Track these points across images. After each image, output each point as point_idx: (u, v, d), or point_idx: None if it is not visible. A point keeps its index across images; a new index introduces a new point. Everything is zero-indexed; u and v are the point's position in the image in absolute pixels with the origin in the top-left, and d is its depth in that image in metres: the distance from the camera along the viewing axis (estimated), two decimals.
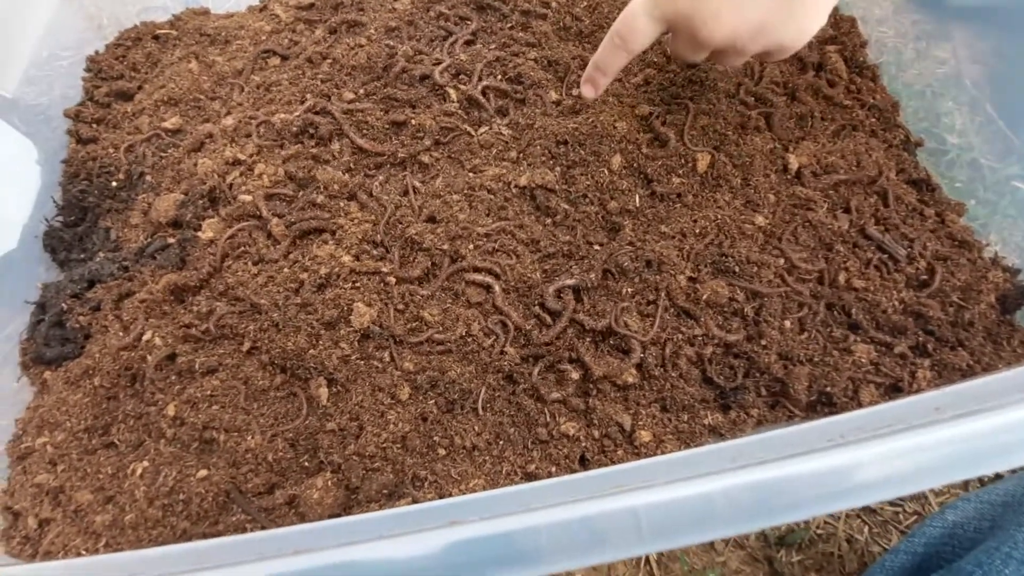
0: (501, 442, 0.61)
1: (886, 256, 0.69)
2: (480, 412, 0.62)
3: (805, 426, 0.46)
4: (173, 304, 0.69)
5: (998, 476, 0.75)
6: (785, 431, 0.45)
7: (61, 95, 0.93)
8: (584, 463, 0.60)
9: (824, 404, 0.62)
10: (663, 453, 0.58)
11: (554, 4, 0.92)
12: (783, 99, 0.82)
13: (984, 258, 0.72)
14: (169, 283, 0.67)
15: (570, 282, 0.67)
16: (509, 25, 0.90)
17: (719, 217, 0.71)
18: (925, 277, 0.67)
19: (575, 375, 0.64)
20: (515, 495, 0.42)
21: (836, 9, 0.95)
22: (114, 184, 0.81)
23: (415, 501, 0.55)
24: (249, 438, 0.60)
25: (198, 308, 0.67)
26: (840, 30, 0.91)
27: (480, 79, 0.82)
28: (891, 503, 0.84)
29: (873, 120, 0.83)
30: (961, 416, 0.43)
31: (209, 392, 0.62)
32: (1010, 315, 0.69)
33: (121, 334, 0.67)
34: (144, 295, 0.69)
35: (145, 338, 0.65)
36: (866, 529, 0.81)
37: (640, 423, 0.60)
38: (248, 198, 0.73)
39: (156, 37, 0.96)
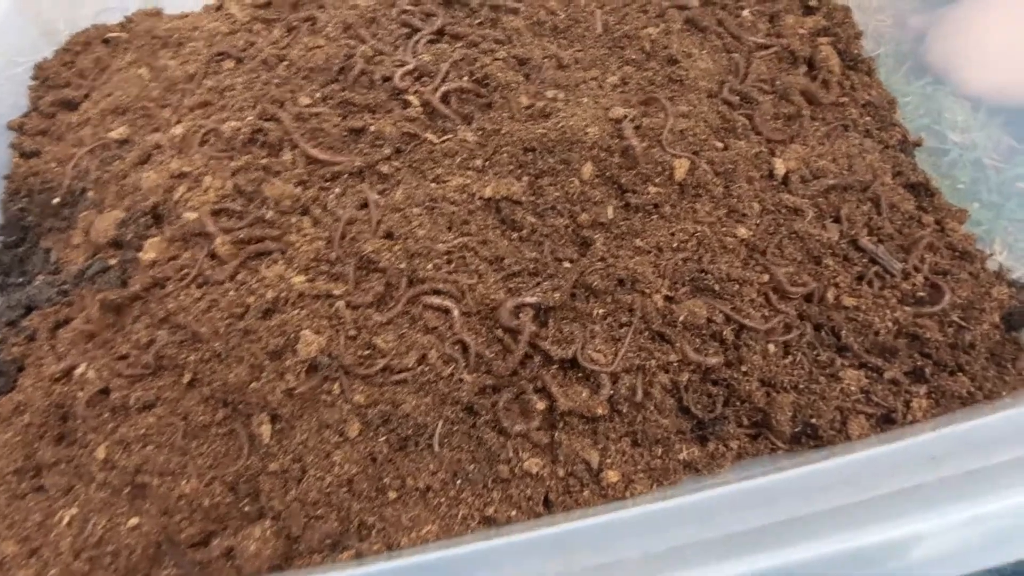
0: (459, 481, 0.56)
1: (880, 270, 0.63)
2: (436, 448, 0.57)
3: (796, 476, 0.41)
4: (111, 332, 0.64)
5: None
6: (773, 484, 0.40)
7: (13, 104, 0.89)
8: (548, 505, 0.55)
9: (809, 436, 0.57)
10: (632, 494, 0.53)
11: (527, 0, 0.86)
12: (770, 98, 0.77)
13: (987, 271, 0.66)
14: (104, 301, 0.62)
15: (531, 300, 0.61)
16: (478, 21, 0.85)
17: (698, 230, 0.65)
18: (923, 294, 0.61)
19: (541, 405, 0.59)
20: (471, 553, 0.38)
21: None
22: (56, 201, 0.76)
23: (359, 554, 0.51)
24: (184, 482, 0.55)
25: (136, 337, 0.62)
26: (833, 20, 0.85)
27: (444, 81, 0.77)
28: None
29: (868, 119, 0.77)
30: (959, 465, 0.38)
31: (144, 431, 0.57)
32: (1015, 332, 0.63)
33: (54, 367, 0.62)
34: (80, 323, 0.65)
35: (78, 372, 0.61)
36: None
37: (608, 460, 0.56)
38: (193, 215, 0.68)
39: (106, 41, 0.91)
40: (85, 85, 0.87)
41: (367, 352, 0.60)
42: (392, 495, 0.55)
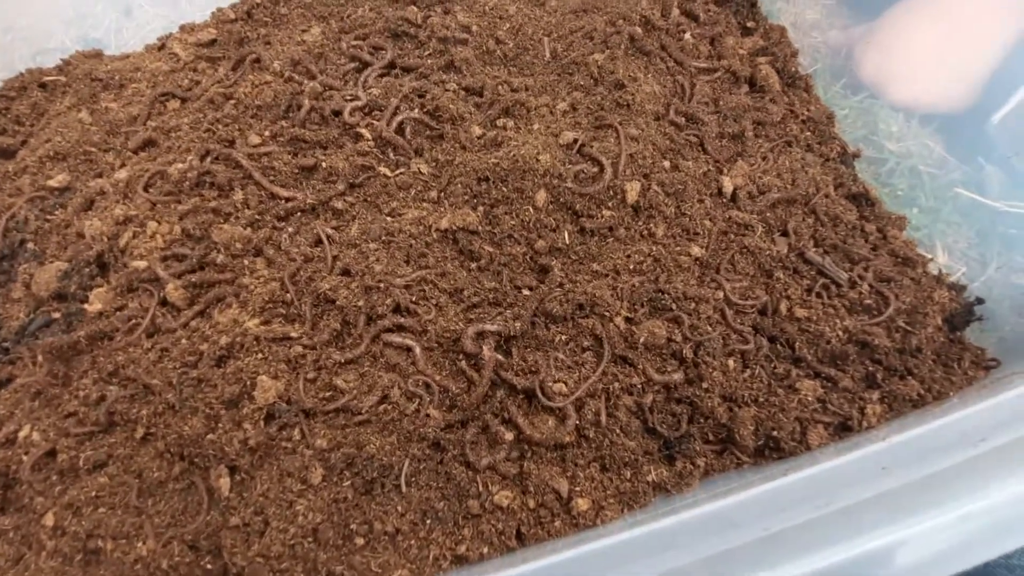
0: (428, 521, 0.55)
1: (828, 281, 0.65)
2: (403, 488, 0.56)
3: (758, 496, 0.41)
4: (57, 389, 0.61)
5: None
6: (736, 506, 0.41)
7: None
8: (520, 538, 0.55)
9: (772, 448, 0.58)
10: (603, 521, 0.53)
11: (474, 28, 0.87)
12: (715, 118, 0.79)
13: (929, 275, 0.69)
14: (48, 348, 0.59)
15: (492, 328, 0.61)
16: (427, 52, 0.85)
17: (653, 250, 0.66)
18: (869, 302, 0.64)
19: (509, 436, 0.59)
20: None
21: (765, 19, 0.93)
22: None
23: None
24: (140, 544, 0.53)
25: (85, 393, 0.60)
26: (770, 40, 0.88)
27: (396, 115, 0.77)
28: None
29: (808, 133, 0.80)
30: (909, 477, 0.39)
31: (95, 493, 0.55)
32: (959, 333, 0.66)
33: None
34: (24, 380, 0.62)
35: (22, 434, 0.58)
36: None
37: (578, 488, 0.56)
38: (142, 263, 0.66)
39: (43, 85, 0.88)
40: (22, 132, 0.84)
41: (328, 393, 0.59)
42: (360, 541, 0.53)
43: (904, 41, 0.82)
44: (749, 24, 0.91)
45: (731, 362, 0.61)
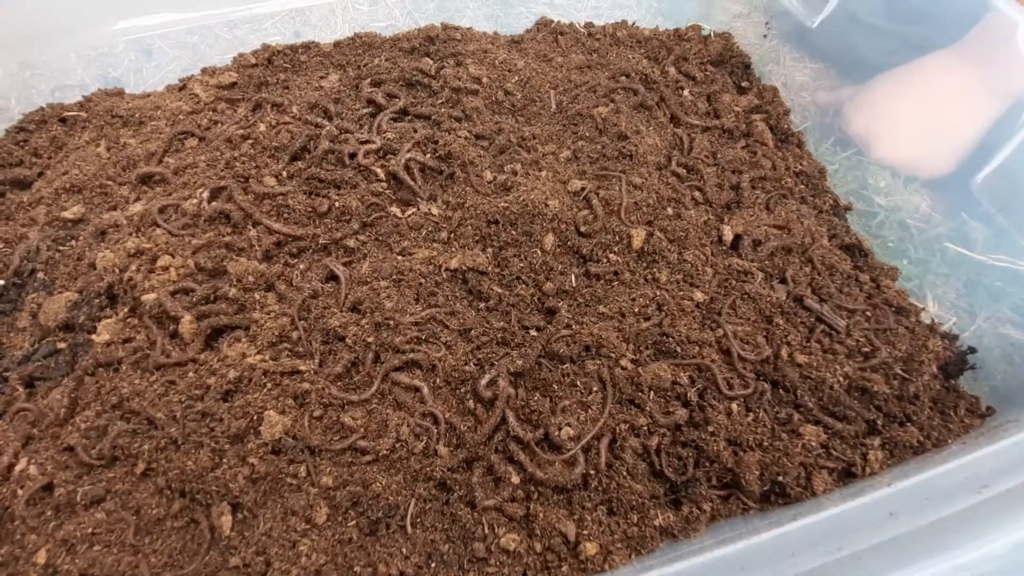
0: (433, 564, 0.54)
1: (826, 327, 0.67)
2: (409, 530, 0.55)
3: (766, 542, 0.42)
4: (58, 420, 0.60)
5: None
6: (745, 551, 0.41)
7: None
8: None
9: (777, 494, 0.58)
10: (611, 566, 0.53)
11: (485, 80, 0.91)
12: (714, 170, 0.83)
13: (922, 324, 0.71)
14: (56, 401, 0.59)
15: (508, 369, 0.62)
16: (440, 101, 0.89)
17: (657, 294, 0.68)
18: (867, 349, 0.66)
19: (515, 478, 0.59)
20: None
21: (759, 79, 0.99)
22: (1, 283, 0.73)
23: None
24: None
25: (87, 425, 0.59)
26: (764, 99, 0.93)
27: (408, 157, 0.80)
28: None
29: (802, 186, 0.84)
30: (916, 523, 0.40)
31: (91, 529, 0.53)
32: (954, 380, 0.68)
33: None
34: (23, 412, 0.61)
35: (18, 468, 0.57)
36: None
37: (585, 531, 0.55)
38: (152, 296, 0.67)
39: (63, 120, 0.91)
40: (39, 164, 0.86)
41: (335, 431, 0.59)
42: None
43: (889, 110, 0.87)
44: (743, 84, 0.96)
45: (735, 406, 0.62)
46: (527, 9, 1.20)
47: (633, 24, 1.05)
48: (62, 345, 0.66)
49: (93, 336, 0.65)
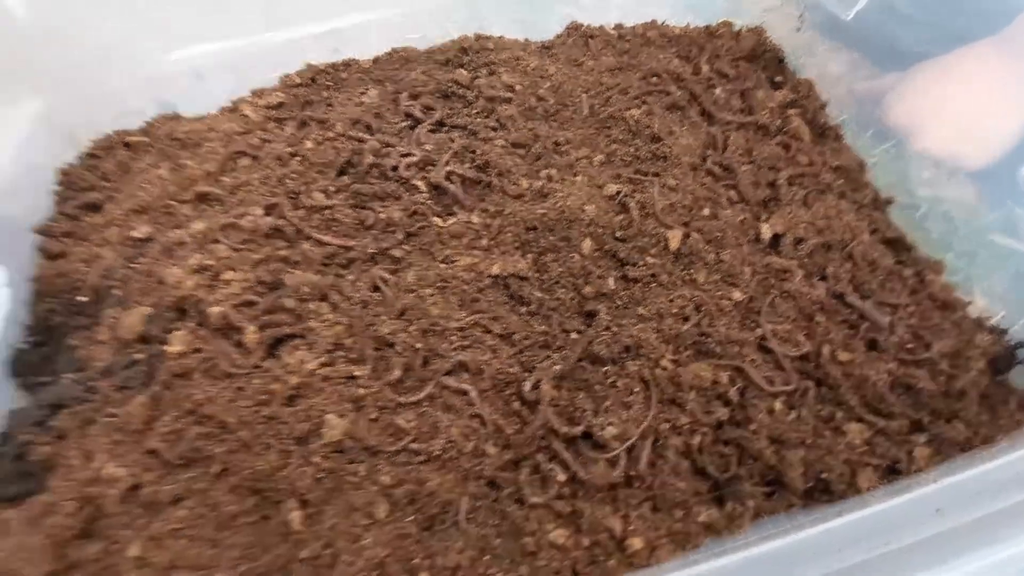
0: (486, 557, 0.58)
1: (869, 325, 0.67)
2: (463, 525, 0.59)
3: (811, 537, 0.43)
4: (140, 427, 0.66)
5: None
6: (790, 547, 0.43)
7: (35, 207, 0.93)
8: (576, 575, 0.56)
9: (822, 491, 0.59)
10: (657, 562, 0.55)
11: (518, 87, 0.94)
12: (749, 167, 0.83)
13: (969, 318, 0.70)
14: (137, 409, 0.64)
15: (552, 371, 0.65)
16: (476, 111, 0.92)
17: (696, 295, 0.70)
18: (912, 346, 0.65)
19: (561, 476, 0.61)
20: None
21: (793, 73, 0.98)
22: (81, 299, 0.79)
23: None
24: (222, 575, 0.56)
25: (166, 430, 0.64)
26: (799, 93, 0.93)
27: (447, 168, 0.83)
28: None
29: (840, 181, 0.83)
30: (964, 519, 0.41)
31: (175, 525, 0.59)
32: (1003, 375, 0.67)
33: (83, 467, 0.64)
34: (109, 419, 0.67)
35: (107, 472, 0.62)
36: None
37: (631, 527, 0.57)
38: (218, 309, 0.72)
39: (128, 145, 0.97)
40: (109, 187, 0.93)
41: (390, 433, 0.62)
42: (423, 575, 0.56)
43: (931, 100, 0.86)
44: (777, 79, 0.96)
45: (777, 404, 0.63)
46: (554, 11, 1.21)
47: (663, 23, 1.06)
48: (139, 356, 0.72)
49: (166, 347, 0.71)
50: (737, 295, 0.70)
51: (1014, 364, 0.66)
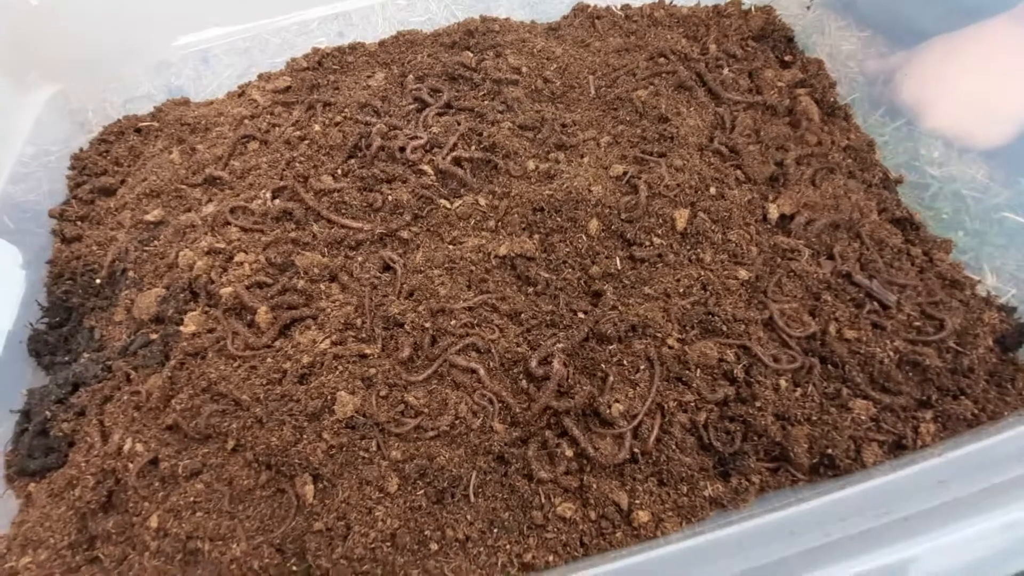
0: (495, 530, 0.59)
1: (876, 303, 0.67)
2: (472, 499, 0.60)
3: (815, 508, 0.44)
4: (157, 403, 0.67)
5: None
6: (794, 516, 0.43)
7: (49, 191, 0.95)
8: (584, 548, 0.58)
9: (827, 466, 0.59)
10: (663, 534, 0.56)
11: (524, 69, 0.94)
12: (757, 147, 0.83)
13: (977, 296, 0.70)
14: (154, 387, 0.66)
15: (559, 346, 0.65)
16: (482, 93, 0.92)
17: (702, 274, 0.70)
18: (919, 323, 0.65)
19: (569, 452, 0.62)
20: None
21: (802, 52, 0.97)
22: (97, 282, 0.81)
23: None
24: (235, 546, 0.58)
25: (181, 407, 0.66)
26: (808, 72, 0.92)
27: (454, 151, 0.83)
28: None
29: (850, 160, 0.83)
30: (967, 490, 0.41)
31: (193, 498, 0.60)
32: (1012, 353, 0.67)
33: (102, 443, 0.65)
34: (127, 397, 0.68)
35: (126, 447, 0.64)
36: None
37: (637, 501, 0.58)
38: (230, 289, 0.73)
39: (138, 130, 0.98)
40: (120, 172, 0.94)
41: (400, 409, 0.64)
42: (433, 547, 0.57)
43: (942, 77, 0.84)
44: (787, 58, 0.95)
45: (783, 381, 0.63)
46: None
47: (671, 3, 1.05)
48: (154, 336, 0.74)
49: (181, 327, 0.72)
50: (743, 274, 0.70)
51: (1022, 342, 0.66)
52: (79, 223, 0.88)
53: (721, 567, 0.44)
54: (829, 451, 0.59)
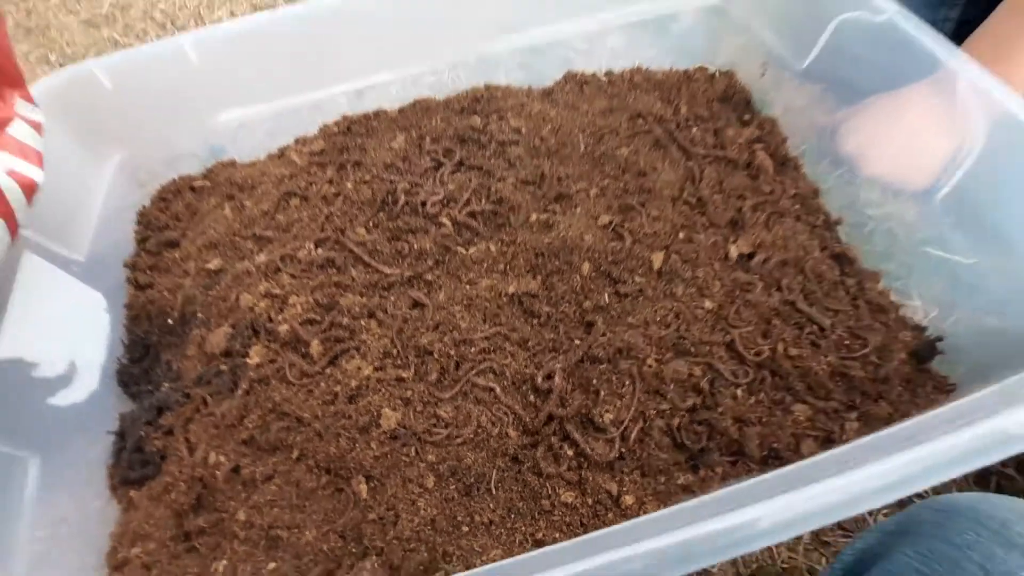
0: (512, 515, 0.74)
1: (815, 326, 0.83)
2: (493, 491, 0.75)
3: (762, 480, 0.59)
4: (233, 422, 0.83)
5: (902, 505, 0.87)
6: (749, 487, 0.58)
7: (120, 245, 1.11)
8: (583, 527, 0.72)
9: (774, 458, 0.74)
10: (645, 513, 0.71)
11: (524, 130, 1.10)
12: (720, 196, 0.99)
13: (899, 318, 0.86)
14: (229, 409, 0.81)
15: (555, 369, 0.81)
16: (489, 152, 1.09)
17: (675, 306, 0.86)
18: (848, 342, 0.81)
19: (570, 452, 0.77)
20: (527, 561, 0.55)
21: (759, 112, 1.14)
22: (170, 322, 0.96)
23: (447, 575, 0.68)
24: (307, 533, 0.72)
25: (253, 425, 0.81)
26: (764, 130, 1.09)
27: (468, 205, 1.00)
28: (843, 535, 0.95)
29: (798, 206, 0.99)
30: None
31: (269, 497, 0.75)
32: (927, 364, 0.83)
33: (190, 455, 0.80)
34: (206, 418, 0.84)
35: (210, 459, 0.79)
36: (823, 560, 0.93)
37: (624, 489, 0.73)
38: (286, 327, 0.89)
39: (193, 188, 1.15)
40: (180, 226, 1.10)
41: (433, 421, 0.79)
42: (465, 529, 0.72)
43: (877, 132, 1.01)
44: (746, 117, 1.12)
45: (739, 391, 0.79)
46: (554, 53, 1.37)
47: (647, 68, 1.22)
48: (224, 367, 0.89)
49: (247, 359, 0.88)
50: (709, 304, 0.86)
51: (934, 354, 0.82)
52: (149, 272, 1.04)
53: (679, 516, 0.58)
54: (775, 446, 0.74)
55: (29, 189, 0.71)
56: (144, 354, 0.96)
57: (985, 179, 0.90)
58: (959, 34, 0.99)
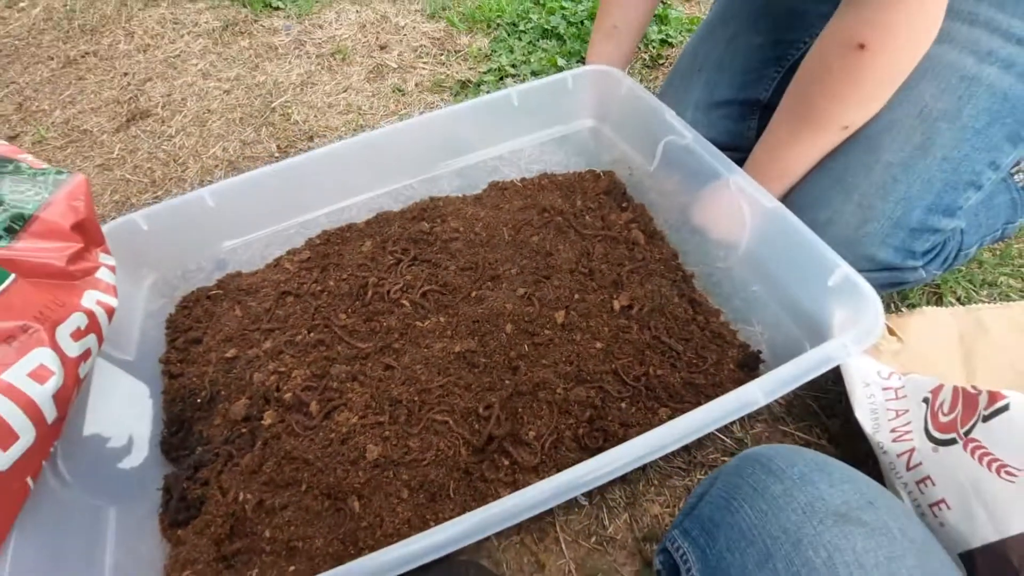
0: (467, 512, 1.02)
1: (674, 352, 1.17)
2: (452, 496, 1.03)
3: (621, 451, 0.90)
4: (255, 468, 1.10)
5: None
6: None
7: (156, 345, 1.39)
8: None
9: None
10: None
11: (461, 229, 1.46)
12: (607, 265, 1.35)
13: (734, 342, 1.20)
14: (251, 460, 1.09)
15: (492, 402, 1.12)
16: (435, 249, 1.44)
17: (575, 349, 1.19)
18: (695, 361, 1.15)
19: (506, 462, 1.07)
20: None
21: (632, 199, 1.53)
22: (199, 401, 1.25)
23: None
24: (317, 542, 0.99)
25: (270, 469, 1.09)
26: (636, 213, 1.47)
27: (421, 289, 1.33)
28: None
29: (662, 267, 1.35)
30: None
31: (287, 519, 1.02)
32: (755, 371, 1.16)
33: (223, 497, 1.07)
34: (233, 469, 1.11)
35: (240, 497, 1.06)
36: None
37: None
38: (290, 394, 1.18)
39: (209, 296, 1.46)
40: (201, 327, 1.40)
41: (404, 450, 1.08)
42: (432, 525, 1.00)
43: (715, 207, 1.40)
44: (623, 205, 1.50)
45: (623, 404, 1.11)
46: (484, 166, 1.76)
47: (551, 173, 1.62)
48: (244, 430, 1.17)
49: (262, 422, 1.16)
50: (599, 345, 1.19)
51: (758, 363, 1.16)
52: (179, 364, 1.33)
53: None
54: None
55: (110, 313, 1.02)
56: (180, 427, 1.23)
57: (758, 243, 1.27)
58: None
